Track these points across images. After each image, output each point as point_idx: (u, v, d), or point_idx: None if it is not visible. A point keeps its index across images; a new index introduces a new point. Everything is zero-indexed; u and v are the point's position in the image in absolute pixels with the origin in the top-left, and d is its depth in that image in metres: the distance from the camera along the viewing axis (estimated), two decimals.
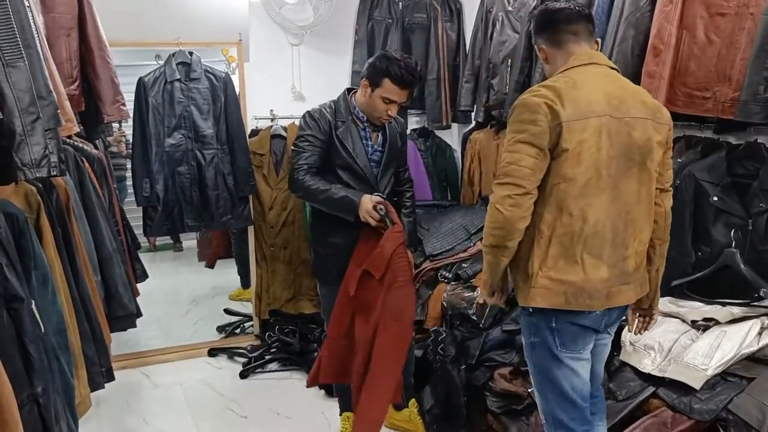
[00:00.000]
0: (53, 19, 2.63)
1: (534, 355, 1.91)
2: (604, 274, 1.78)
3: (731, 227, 2.31)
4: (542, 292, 1.78)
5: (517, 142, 1.72)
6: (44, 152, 1.66)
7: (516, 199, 1.70)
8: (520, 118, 1.74)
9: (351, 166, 2.58)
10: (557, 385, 1.88)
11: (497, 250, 1.79)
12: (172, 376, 3.60)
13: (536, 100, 1.72)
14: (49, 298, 1.82)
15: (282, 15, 3.85)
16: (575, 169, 1.72)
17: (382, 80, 2.48)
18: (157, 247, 5.24)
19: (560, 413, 1.89)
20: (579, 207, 1.74)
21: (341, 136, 2.56)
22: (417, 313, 3.18)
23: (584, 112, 1.72)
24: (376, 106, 2.53)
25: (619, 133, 1.76)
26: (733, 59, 2.28)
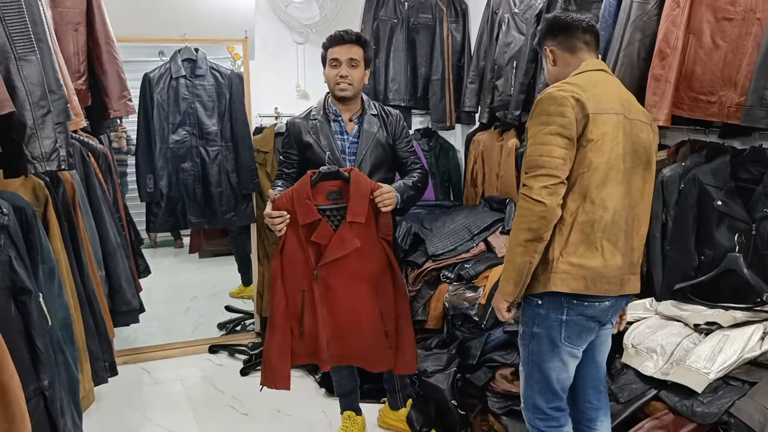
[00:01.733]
0: (61, 14, 2.64)
1: (532, 345, 1.95)
2: (619, 261, 1.86)
3: (735, 231, 2.32)
4: (563, 277, 1.82)
5: (546, 134, 1.78)
6: (54, 146, 1.67)
7: (552, 188, 1.76)
8: (548, 111, 1.80)
9: (320, 161, 2.54)
10: (545, 376, 1.95)
11: (533, 245, 1.80)
12: (173, 372, 3.61)
13: (563, 93, 1.80)
14: (55, 292, 1.82)
15: (288, 13, 3.86)
16: (599, 159, 1.80)
17: (324, 54, 2.59)
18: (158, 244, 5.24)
19: (541, 401, 1.98)
20: (600, 196, 1.81)
21: (311, 132, 2.59)
22: (419, 313, 3.20)
23: (605, 108, 1.81)
24: (329, 77, 2.58)
25: (631, 133, 1.87)
26: (739, 64, 2.30)
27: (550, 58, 2.02)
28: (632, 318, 2.39)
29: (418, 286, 3.26)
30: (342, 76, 2.54)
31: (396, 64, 4.03)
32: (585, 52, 1.97)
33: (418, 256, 3.34)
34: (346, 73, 2.54)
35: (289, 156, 2.65)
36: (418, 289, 3.28)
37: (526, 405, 2.03)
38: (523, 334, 1.99)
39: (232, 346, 3.85)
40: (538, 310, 1.91)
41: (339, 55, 2.54)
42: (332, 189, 2.42)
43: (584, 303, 1.86)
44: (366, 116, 2.63)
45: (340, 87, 2.56)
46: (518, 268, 1.83)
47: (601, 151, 1.79)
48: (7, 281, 1.53)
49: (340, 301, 2.48)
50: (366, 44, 2.61)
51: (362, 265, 2.46)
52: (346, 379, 2.83)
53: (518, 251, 1.81)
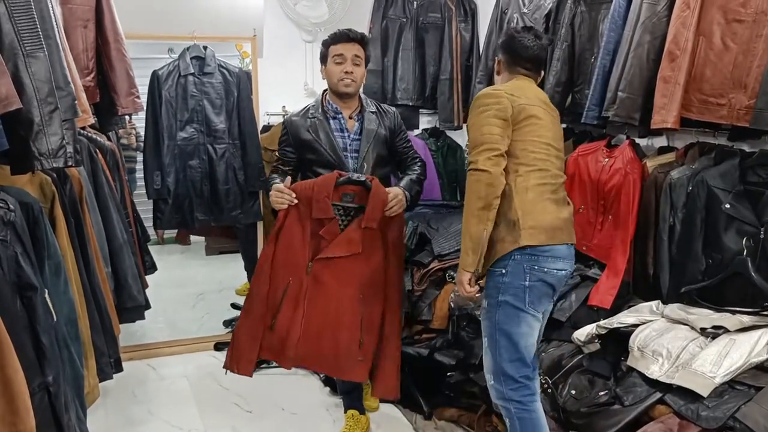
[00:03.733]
0: (71, 11, 2.65)
1: (498, 314, 2.12)
2: (564, 214, 2.18)
3: (743, 235, 2.30)
4: (530, 233, 2.06)
5: (485, 117, 2.08)
6: (61, 142, 1.68)
7: (495, 159, 2.04)
8: (485, 102, 2.11)
9: (323, 159, 2.61)
10: (513, 342, 2.11)
11: (485, 213, 2.03)
12: (178, 368, 3.62)
13: (496, 91, 2.15)
14: (61, 288, 1.83)
15: (297, 11, 3.87)
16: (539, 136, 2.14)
17: (326, 51, 2.64)
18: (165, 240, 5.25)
19: (511, 369, 2.12)
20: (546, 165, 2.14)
21: (311, 129, 2.63)
22: (424, 313, 3.19)
23: (532, 101, 2.17)
24: (332, 72, 2.62)
25: (554, 122, 2.26)
26: (749, 66, 2.28)
27: (496, 68, 2.36)
28: (638, 321, 2.38)
29: (424, 286, 3.25)
30: (347, 72, 2.58)
31: (404, 64, 4.02)
32: (522, 75, 2.28)
33: (424, 255, 3.33)
34: (351, 69, 2.59)
35: (286, 153, 2.70)
36: (423, 288, 3.27)
37: (496, 379, 2.14)
38: (488, 306, 2.15)
39: None
40: (503, 279, 2.10)
41: (344, 52, 2.59)
42: (348, 192, 2.53)
43: (544, 269, 2.09)
44: (366, 114, 2.68)
45: (345, 83, 2.60)
46: (475, 237, 2.04)
47: (539, 131, 2.14)
48: (13, 277, 1.54)
49: (324, 299, 2.53)
50: (367, 44, 2.69)
51: (358, 270, 2.51)
52: None
53: (473, 221, 2.04)
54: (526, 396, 2.13)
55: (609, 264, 2.67)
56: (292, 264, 2.50)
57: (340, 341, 2.53)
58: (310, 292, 2.51)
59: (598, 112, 2.71)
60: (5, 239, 1.53)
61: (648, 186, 2.64)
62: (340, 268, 2.50)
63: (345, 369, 2.60)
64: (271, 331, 2.53)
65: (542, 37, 2.31)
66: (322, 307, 2.52)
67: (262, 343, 2.55)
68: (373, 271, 2.56)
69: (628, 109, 2.56)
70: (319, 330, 2.52)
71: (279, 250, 2.51)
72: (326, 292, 2.51)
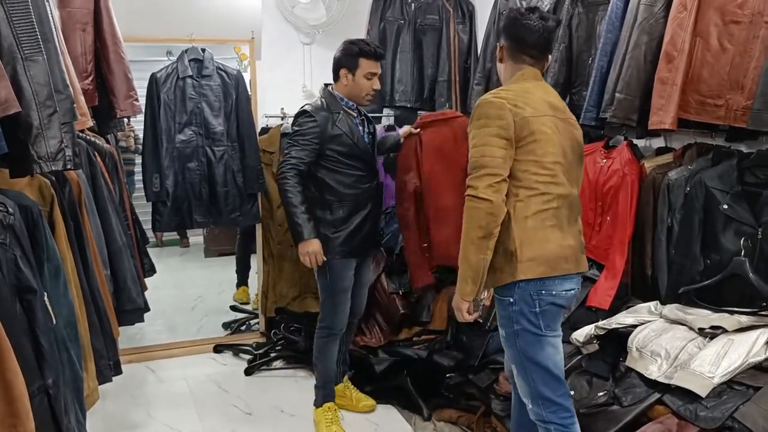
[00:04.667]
0: (69, 14, 2.65)
1: (518, 342, 2.01)
2: (571, 241, 2.02)
3: (741, 235, 2.30)
4: (528, 265, 1.95)
5: (487, 136, 1.92)
6: (60, 146, 1.67)
7: (496, 186, 1.90)
8: (488, 114, 1.94)
9: (353, 152, 2.76)
10: (542, 366, 2.01)
11: (485, 242, 1.91)
12: (178, 371, 3.62)
13: (499, 99, 1.96)
14: (60, 290, 1.83)
15: (294, 14, 3.87)
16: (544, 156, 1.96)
17: (357, 61, 2.73)
18: (164, 243, 5.26)
19: (547, 391, 2.02)
20: (549, 188, 1.97)
21: (340, 125, 2.73)
22: (423, 315, 3.20)
23: (539, 111, 1.98)
24: (362, 86, 2.76)
25: (565, 131, 2.04)
26: (746, 67, 2.28)
27: (499, 55, 2.16)
28: (637, 321, 2.39)
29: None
30: (375, 89, 2.80)
31: (402, 65, 4.03)
32: (528, 64, 2.09)
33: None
34: (378, 86, 2.81)
35: (312, 144, 2.70)
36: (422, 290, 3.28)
37: (534, 402, 2.04)
38: (507, 335, 2.05)
39: (237, 346, 3.86)
40: (512, 308, 1.99)
41: (377, 71, 2.77)
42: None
43: (552, 292, 1.98)
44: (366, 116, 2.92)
45: (369, 98, 2.84)
46: (474, 267, 1.93)
47: (544, 149, 1.95)
48: (12, 279, 1.54)
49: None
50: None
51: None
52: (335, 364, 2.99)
53: (472, 249, 1.92)
54: (565, 418, 2.02)
55: (607, 265, 2.68)
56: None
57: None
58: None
59: (595, 113, 2.71)
60: (4, 242, 1.53)
61: (646, 187, 2.64)
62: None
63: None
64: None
65: (548, 18, 2.09)
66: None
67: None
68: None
69: (626, 110, 2.56)
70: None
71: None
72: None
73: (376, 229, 2.98)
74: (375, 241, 3.04)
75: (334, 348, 2.94)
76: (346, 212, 2.78)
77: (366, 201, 2.82)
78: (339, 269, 2.82)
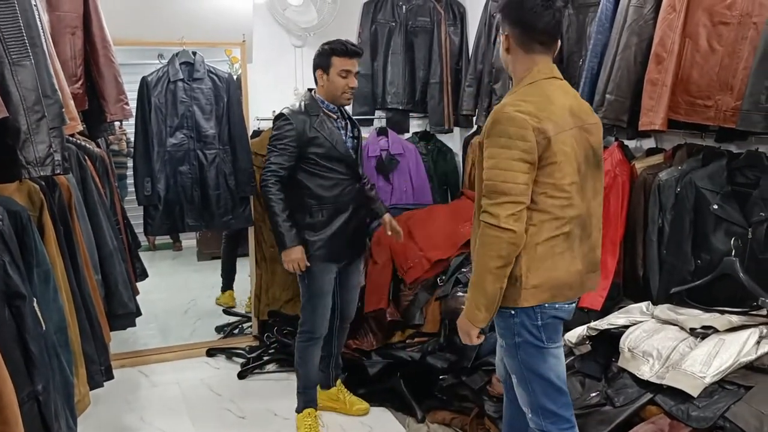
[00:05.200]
0: (58, 18, 2.64)
1: (519, 354, 1.94)
2: (579, 266, 1.92)
3: (731, 235, 2.32)
4: (532, 292, 1.86)
5: (509, 159, 1.76)
6: (48, 150, 1.67)
7: (518, 215, 1.77)
8: (509, 133, 1.77)
9: (332, 154, 2.73)
10: (545, 378, 1.95)
11: (503, 271, 1.81)
12: (171, 375, 3.61)
13: (522, 116, 1.77)
14: (50, 296, 1.82)
15: (286, 17, 3.87)
16: (561, 179, 1.83)
17: (330, 60, 2.71)
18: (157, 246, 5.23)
19: (549, 403, 1.96)
20: (563, 212, 1.85)
21: (318, 128, 2.70)
22: (416, 318, 3.20)
23: (562, 126, 1.82)
24: (337, 85, 2.72)
25: (583, 141, 1.90)
26: (735, 68, 2.29)
27: (504, 45, 1.94)
28: (629, 322, 2.39)
29: (416, 291, 3.26)
30: (351, 87, 2.74)
31: (394, 68, 4.03)
32: (540, 53, 1.90)
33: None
34: (354, 84, 2.74)
35: (290, 148, 2.69)
36: (415, 293, 3.28)
37: (534, 412, 1.99)
38: (507, 346, 1.98)
39: (230, 350, 3.85)
40: (513, 320, 1.91)
41: (351, 68, 2.71)
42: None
43: (555, 306, 1.91)
44: (349, 119, 2.90)
45: (347, 97, 2.77)
46: (490, 296, 1.83)
47: (563, 171, 1.82)
48: (1, 285, 1.53)
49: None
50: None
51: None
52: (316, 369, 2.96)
53: (489, 279, 1.81)
54: (565, 429, 1.98)
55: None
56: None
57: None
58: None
59: None
60: None
61: (637, 187, 2.66)
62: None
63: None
64: None
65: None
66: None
67: None
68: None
69: (617, 111, 2.57)
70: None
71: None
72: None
73: (360, 232, 2.95)
74: (361, 244, 3.00)
75: (315, 353, 2.91)
76: (326, 216, 2.75)
77: (347, 204, 2.79)
78: (317, 273, 2.79)
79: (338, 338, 3.08)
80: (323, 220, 2.75)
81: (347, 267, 2.93)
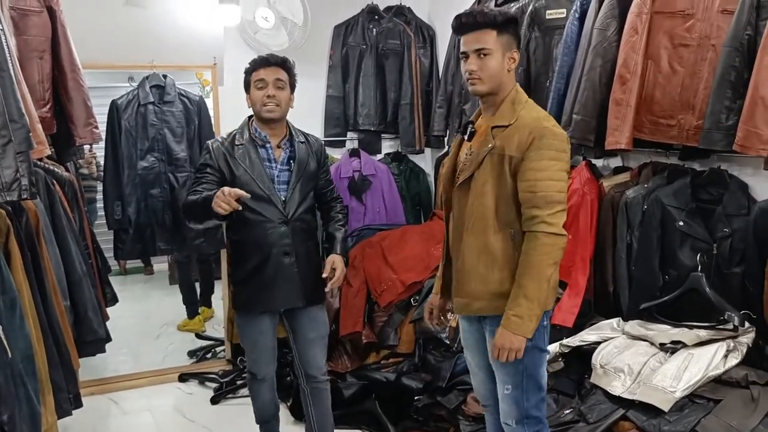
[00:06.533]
0: (26, 42, 2.62)
1: (525, 359, 1.93)
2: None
3: (697, 251, 2.37)
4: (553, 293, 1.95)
5: (558, 171, 1.87)
6: (15, 175, 1.65)
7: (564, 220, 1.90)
8: (556, 146, 1.87)
9: (251, 190, 2.34)
10: (539, 384, 2.00)
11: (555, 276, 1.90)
12: (142, 402, 3.54)
13: (561, 131, 1.92)
14: (16, 323, 1.79)
15: (257, 40, 3.88)
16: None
17: (249, 78, 2.50)
18: (128, 271, 5.15)
19: (536, 411, 2.00)
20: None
21: (239, 159, 2.43)
22: (390, 338, 3.20)
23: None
24: (254, 99, 2.47)
25: None
26: (696, 88, 2.36)
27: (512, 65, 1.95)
28: (600, 338, 2.42)
29: (390, 311, 3.26)
30: (269, 96, 2.43)
31: (365, 90, 4.07)
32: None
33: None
34: (274, 92, 2.44)
35: (207, 176, 2.42)
36: (390, 314, 3.28)
37: (519, 423, 1.99)
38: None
39: (203, 374, 3.79)
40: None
41: (265, 76, 2.45)
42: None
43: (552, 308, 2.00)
44: (296, 143, 2.52)
45: (268, 108, 2.44)
46: (543, 304, 1.87)
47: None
48: None
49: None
50: (291, 69, 2.53)
51: None
52: (267, 405, 2.70)
53: (545, 287, 1.86)
54: None
55: (570, 283, 2.71)
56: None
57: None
58: None
59: None
60: None
61: (605, 205, 2.70)
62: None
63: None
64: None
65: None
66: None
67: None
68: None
69: (583, 130, 2.63)
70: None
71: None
72: None
73: (300, 278, 2.48)
74: (307, 291, 2.50)
75: (262, 392, 2.65)
76: (244, 260, 2.47)
77: (269, 246, 2.42)
78: (241, 325, 2.57)
79: (314, 405, 2.65)
80: (246, 265, 2.46)
81: (294, 316, 2.56)
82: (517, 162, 1.87)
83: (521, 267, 1.87)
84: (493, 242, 1.92)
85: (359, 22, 4.08)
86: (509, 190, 1.89)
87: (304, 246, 2.49)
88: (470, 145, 2.02)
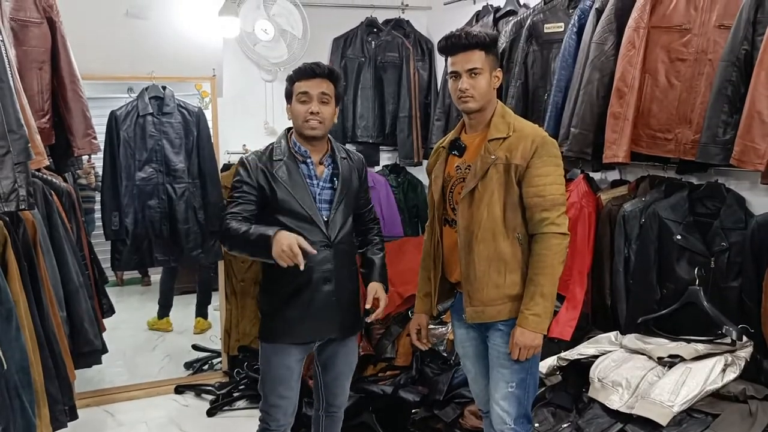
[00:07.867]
0: (25, 53, 2.63)
1: (529, 361, 2.02)
2: None
3: (694, 265, 2.37)
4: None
5: (560, 176, 2.01)
6: (13, 186, 1.65)
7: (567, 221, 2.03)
8: (556, 153, 2.02)
9: (292, 209, 2.21)
10: (536, 384, 2.11)
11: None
12: (138, 414, 3.52)
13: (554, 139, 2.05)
14: (12, 334, 1.78)
15: (256, 52, 3.90)
16: None
17: (291, 88, 2.27)
18: (125, 282, 5.15)
19: (530, 410, 2.11)
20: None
21: (279, 176, 2.22)
22: (388, 351, 3.19)
23: None
24: (296, 113, 2.24)
25: None
26: (693, 102, 2.38)
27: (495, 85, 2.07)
28: (598, 351, 2.42)
29: (387, 324, 3.25)
30: (313, 113, 2.21)
31: (364, 102, 4.08)
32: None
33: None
34: (318, 109, 2.21)
35: (246, 195, 2.24)
36: (387, 326, 3.27)
37: (517, 422, 2.05)
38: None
39: (199, 386, 3.77)
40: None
41: (310, 89, 2.22)
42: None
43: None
44: (338, 159, 2.32)
45: (311, 125, 2.22)
46: (554, 302, 1.99)
47: None
48: None
49: None
50: (338, 79, 2.30)
51: None
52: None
53: (555, 284, 1.98)
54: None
55: (568, 296, 2.71)
56: None
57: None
58: None
59: None
60: None
61: (603, 218, 2.70)
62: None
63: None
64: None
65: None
66: None
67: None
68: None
69: (581, 144, 2.63)
70: None
71: None
72: None
73: (341, 307, 2.29)
74: (345, 320, 2.32)
75: None
76: (285, 285, 2.24)
77: (309, 271, 2.15)
78: (268, 355, 2.31)
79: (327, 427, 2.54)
80: (275, 291, 2.27)
81: (328, 348, 2.37)
82: (522, 170, 1.97)
83: (535, 267, 1.97)
84: (503, 248, 2.01)
85: (358, 34, 4.10)
86: (515, 197, 1.99)
87: (344, 271, 2.30)
88: (463, 159, 2.10)
